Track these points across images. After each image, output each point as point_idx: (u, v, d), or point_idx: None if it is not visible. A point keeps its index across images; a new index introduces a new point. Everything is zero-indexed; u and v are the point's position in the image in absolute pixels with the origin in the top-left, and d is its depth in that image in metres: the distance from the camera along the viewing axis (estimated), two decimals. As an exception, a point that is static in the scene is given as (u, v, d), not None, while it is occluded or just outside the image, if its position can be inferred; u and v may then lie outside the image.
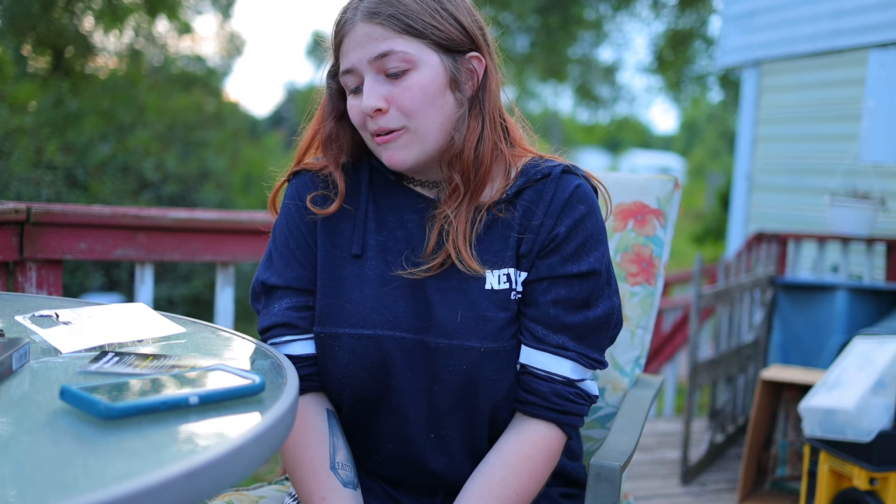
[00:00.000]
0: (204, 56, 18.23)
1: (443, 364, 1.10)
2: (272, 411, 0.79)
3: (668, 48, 17.55)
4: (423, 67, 1.09)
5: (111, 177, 8.96)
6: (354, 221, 1.18)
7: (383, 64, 1.08)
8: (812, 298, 3.47)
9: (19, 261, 1.85)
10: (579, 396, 1.12)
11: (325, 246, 1.17)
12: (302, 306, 1.16)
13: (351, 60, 1.10)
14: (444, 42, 1.10)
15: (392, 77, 1.08)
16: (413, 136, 1.10)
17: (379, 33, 1.08)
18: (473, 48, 1.13)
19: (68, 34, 12.45)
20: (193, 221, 2.07)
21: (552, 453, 1.13)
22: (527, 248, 1.12)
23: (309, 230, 1.19)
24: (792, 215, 6.19)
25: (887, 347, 2.37)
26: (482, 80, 1.14)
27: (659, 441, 3.91)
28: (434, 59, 1.10)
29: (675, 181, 1.54)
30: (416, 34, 1.08)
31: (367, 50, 1.08)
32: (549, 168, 1.15)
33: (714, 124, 33.05)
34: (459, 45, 1.12)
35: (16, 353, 0.86)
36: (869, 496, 2.26)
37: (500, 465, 1.10)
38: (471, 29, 1.13)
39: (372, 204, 1.19)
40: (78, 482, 0.60)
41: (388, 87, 1.09)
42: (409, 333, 1.11)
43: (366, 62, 1.09)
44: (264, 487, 1.32)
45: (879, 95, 4.23)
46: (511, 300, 1.12)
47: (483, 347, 1.09)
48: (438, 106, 1.10)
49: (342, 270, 1.16)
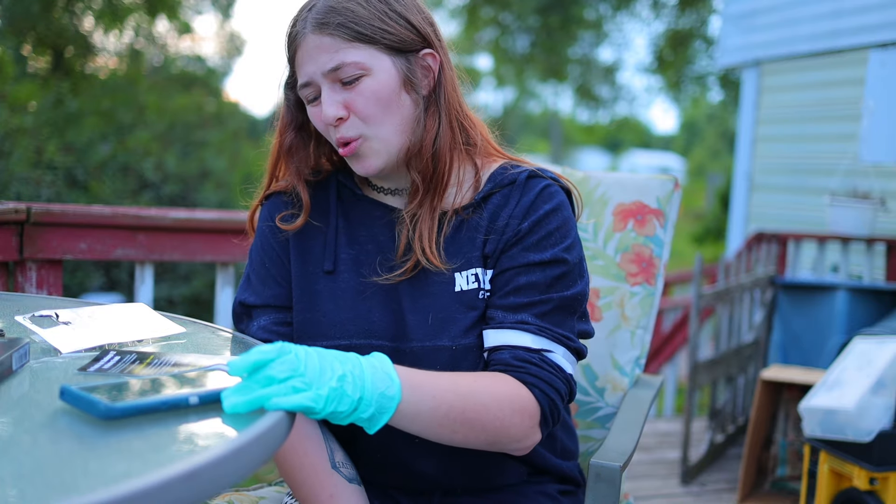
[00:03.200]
0: (204, 56, 18.22)
1: (419, 366, 1.10)
2: (272, 411, 0.80)
3: (668, 48, 17.55)
4: (376, 73, 1.09)
5: (111, 177, 8.95)
6: (325, 238, 1.19)
7: (337, 75, 1.09)
8: (812, 298, 3.47)
9: (19, 261, 1.85)
10: (545, 362, 1.07)
11: (297, 262, 1.19)
12: (280, 322, 1.18)
13: (307, 73, 1.11)
14: (396, 44, 1.10)
15: (347, 84, 1.09)
16: (372, 142, 1.11)
17: (329, 44, 1.08)
18: (426, 45, 1.13)
19: (68, 34, 12.44)
20: (193, 221, 2.08)
21: (519, 405, 1.04)
22: (492, 247, 1.13)
23: (283, 249, 1.20)
24: (792, 215, 6.19)
25: (887, 347, 2.37)
26: (437, 76, 1.14)
27: (659, 441, 3.91)
28: (387, 62, 1.10)
29: (675, 181, 1.54)
30: (367, 40, 1.09)
31: (319, 63, 1.09)
32: (515, 175, 1.16)
33: (714, 124, 33.04)
34: (411, 45, 1.12)
35: (16, 353, 0.86)
36: (869, 496, 2.26)
37: (468, 375, 1.05)
38: (421, 27, 1.13)
39: (342, 219, 1.20)
40: (78, 482, 0.60)
41: (344, 94, 1.09)
42: (385, 341, 1.12)
43: (320, 74, 1.09)
44: (264, 488, 1.32)
45: (879, 95, 4.24)
46: (479, 299, 1.12)
47: (455, 346, 1.10)
48: (394, 109, 1.10)
49: (316, 285, 1.17)
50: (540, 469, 1.21)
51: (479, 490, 1.17)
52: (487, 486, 1.18)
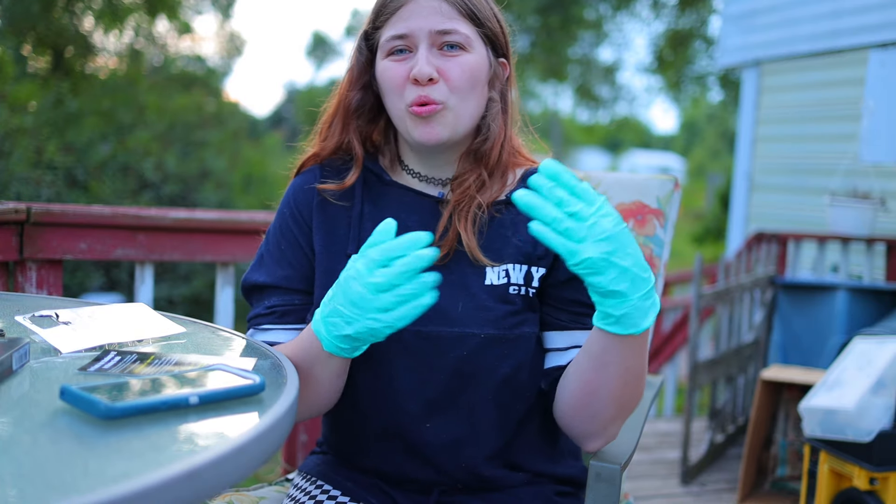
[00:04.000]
0: (204, 56, 18.24)
1: (443, 352, 1.11)
2: (272, 411, 0.79)
3: (668, 48, 17.56)
4: (476, 53, 1.14)
5: (111, 177, 8.96)
6: (350, 220, 1.19)
7: (443, 39, 1.11)
8: (812, 298, 3.47)
9: (19, 261, 1.85)
10: None
11: (324, 239, 1.19)
12: (287, 303, 1.18)
13: (409, 27, 1.11)
14: (493, 39, 1.17)
15: (447, 51, 1.12)
16: (451, 114, 1.12)
17: (446, 10, 1.12)
18: (505, 55, 1.20)
19: (68, 34, 12.45)
20: (193, 221, 2.08)
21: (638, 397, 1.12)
22: (543, 249, 1.15)
23: (301, 232, 1.20)
24: (792, 215, 6.19)
25: (887, 347, 2.37)
26: (505, 85, 1.20)
27: (659, 441, 3.91)
28: (483, 50, 1.16)
29: (675, 181, 1.54)
30: (477, 23, 1.14)
31: (431, 21, 1.11)
32: None
33: (714, 124, 33.05)
34: (499, 48, 1.19)
35: (16, 353, 0.86)
36: (869, 496, 2.26)
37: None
38: (508, 37, 1.20)
39: (368, 204, 1.20)
40: (78, 482, 0.60)
41: (440, 60, 1.12)
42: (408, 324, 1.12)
43: (426, 32, 1.11)
44: (264, 488, 1.32)
45: (879, 95, 4.24)
46: (510, 294, 1.13)
47: (483, 334, 1.11)
48: (479, 92, 1.15)
49: (338, 266, 1.16)
50: (538, 474, 1.21)
51: (477, 490, 1.17)
52: (486, 486, 1.18)
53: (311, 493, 1.22)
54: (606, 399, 1.07)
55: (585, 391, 1.08)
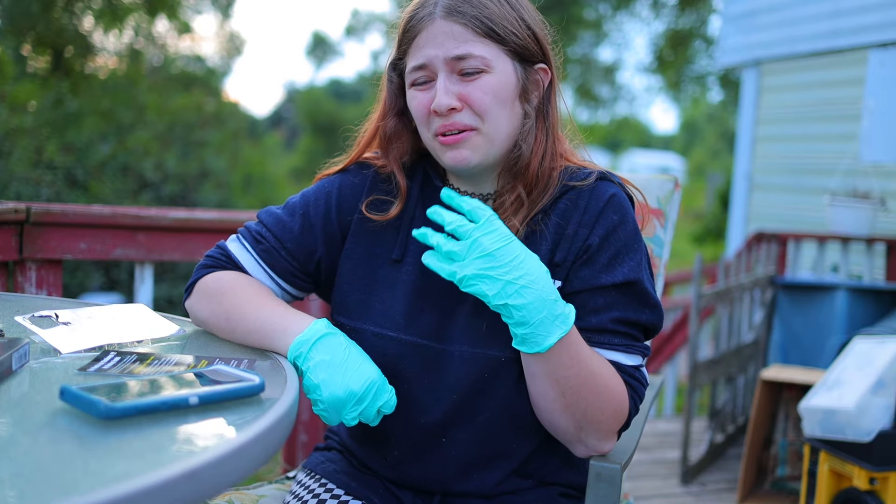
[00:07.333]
0: (204, 56, 18.24)
1: (463, 372, 1.11)
2: (272, 411, 0.79)
3: (668, 48, 17.56)
4: (498, 72, 1.09)
5: (111, 177, 8.95)
6: (400, 224, 1.18)
7: (460, 65, 1.08)
8: (812, 298, 3.47)
9: (19, 261, 1.85)
10: (643, 377, 1.13)
11: (365, 243, 1.18)
12: (276, 247, 1.18)
13: (426, 55, 1.09)
14: (520, 51, 1.11)
15: (466, 76, 1.08)
16: (483, 138, 1.10)
17: (459, 33, 1.08)
18: (543, 59, 1.14)
19: (68, 34, 12.44)
20: (193, 221, 2.07)
21: (620, 392, 1.08)
22: (561, 256, 1.12)
23: (328, 222, 1.19)
24: (792, 215, 6.19)
25: (887, 347, 2.37)
26: (545, 91, 1.15)
27: (659, 441, 3.91)
28: (508, 66, 1.10)
29: (675, 181, 1.54)
30: (496, 39, 1.09)
31: (445, 48, 1.08)
32: (584, 175, 1.15)
33: (714, 124, 33.04)
34: (532, 56, 1.13)
35: (16, 353, 0.86)
36: (869, 496, 2.26)
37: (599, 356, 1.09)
38: (543, 40, 1.14)
39: (420, 207, 1.19)
40: (78, 482, 0.60)
41: (460, 86, 1.08)
42: (431, 341, 1.12)
43: (441, 60, 1.08)
44: (264, 487, 1.32)
45: (879, 95, 4.24)
46: None
47: (504, 357, 1.10)
48: (508, 112, 1.10)
49: (379, 270, 1.17)
50: (547, 482, 1.21)
51: (480, 494, 1.17)
52: (489, 491, 1.17)
53: (314, 491, 1.22)
54: (552, 409, 1.07)
55: (533, 402, 1.09)
